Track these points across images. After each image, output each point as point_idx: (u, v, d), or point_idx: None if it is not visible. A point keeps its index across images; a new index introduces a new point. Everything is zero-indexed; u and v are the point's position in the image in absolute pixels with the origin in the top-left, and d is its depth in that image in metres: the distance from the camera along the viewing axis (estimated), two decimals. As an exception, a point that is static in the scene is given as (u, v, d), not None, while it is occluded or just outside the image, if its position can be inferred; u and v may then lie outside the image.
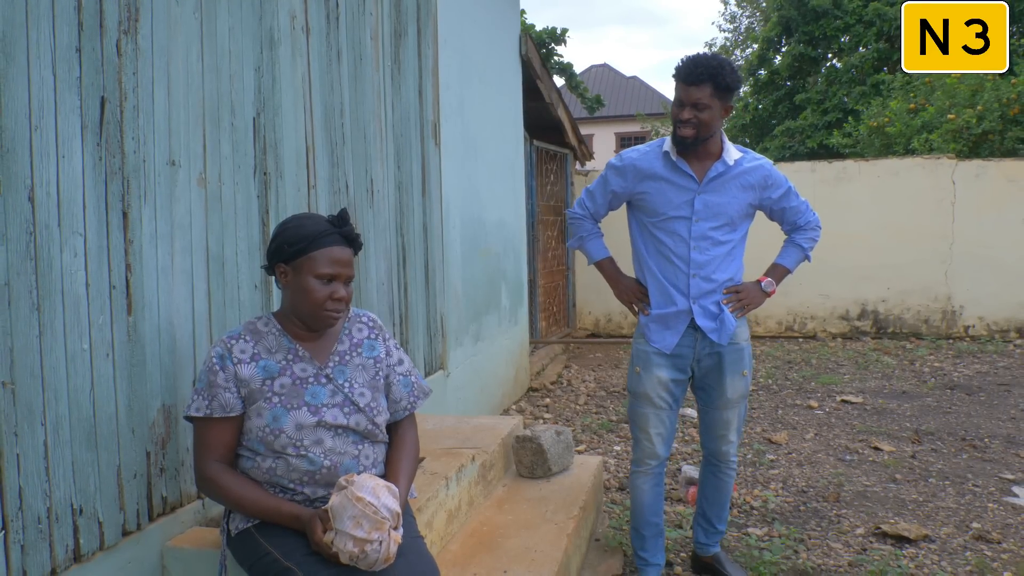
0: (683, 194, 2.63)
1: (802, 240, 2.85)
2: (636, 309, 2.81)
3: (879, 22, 15.85)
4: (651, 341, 2.72)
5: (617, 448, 4.77)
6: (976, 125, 10.06)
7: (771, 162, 2.76)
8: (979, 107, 10.15)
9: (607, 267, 2.89)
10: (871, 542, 3.30)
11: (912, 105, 11.93)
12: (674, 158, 2.64)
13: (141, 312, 2.02)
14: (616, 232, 3.44)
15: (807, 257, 2.88)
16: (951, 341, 8.42)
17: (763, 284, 2.79)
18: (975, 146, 10.14)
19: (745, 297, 2.73)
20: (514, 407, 5.93)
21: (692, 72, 2.52)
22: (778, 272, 2.86)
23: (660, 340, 2.71)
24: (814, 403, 5.80)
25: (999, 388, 6.18)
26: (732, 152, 2.66)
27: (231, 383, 1.84)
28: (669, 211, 2.65)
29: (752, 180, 2.67)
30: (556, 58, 16.85)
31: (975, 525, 3.44)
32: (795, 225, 2.84)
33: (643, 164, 2.70)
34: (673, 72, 2.61)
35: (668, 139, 2.68)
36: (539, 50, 6.95)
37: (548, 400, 6.16)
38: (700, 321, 2.66)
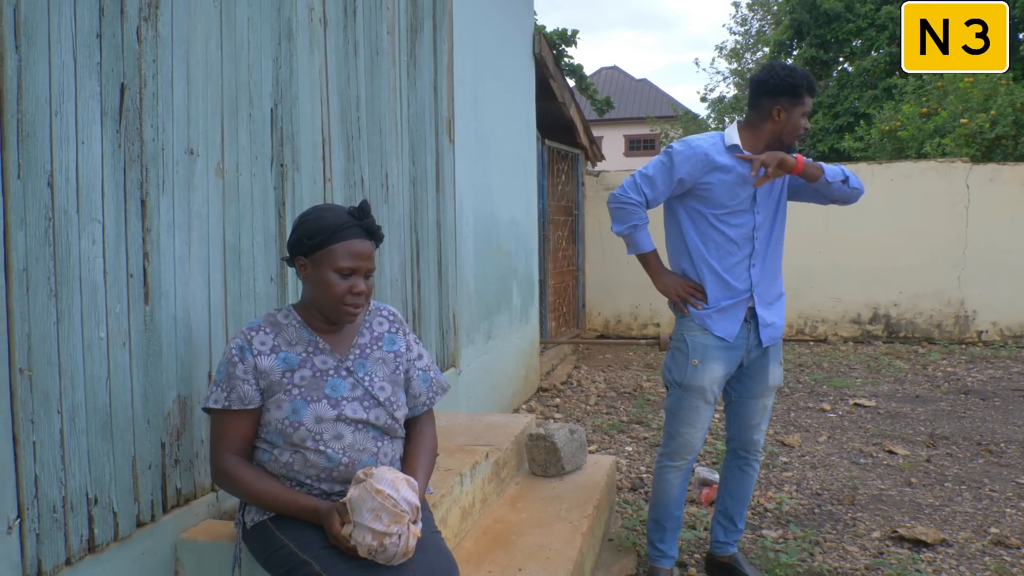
0: (746, 187, 2.64)
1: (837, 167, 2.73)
2: (687, 303, 2.72)
3: (891, 26, 15.78)
4: (713, 330, 2.67)
5: (628, 449, 4.74)
6: (989, 130, 10.00)
7: None
8: (992, 111, 10.08)
9: (653, 260, 2.80)
10: (887, 546, 3.26)
11: (924, 109, 11.87)
12: (744, 149, 2.65)
13: (158, 301, 2.00)
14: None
15: (846, 174, 2.68)
16: (964, 346, 8.36)
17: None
18: (988, 151, 10.08)
19: (772, 156, 2.56)
20: (524, 407, 5.90)
21: (812, 85, 2.61)
22: (811, 162, 2.67)
23: (723, 329, 2.67)
24: (827, 406, 5.75)
25: (1014, 393, 6.12)
26: None
27: (250, 375, 1.82)
28: (734, 204, 2.65)
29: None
30: (566, 59, 16.82)
31: (993, 530, 3.39)
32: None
33: (713, 154, 2.64)
34: (792, 84, 2.59)
35: (728, 132, 2.68)
36: (551, 50, 6.94)
37: (558, 400, 6.14)
38: (760, 311, 2.69)
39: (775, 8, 22.20)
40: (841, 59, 18.09)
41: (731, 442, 2.90)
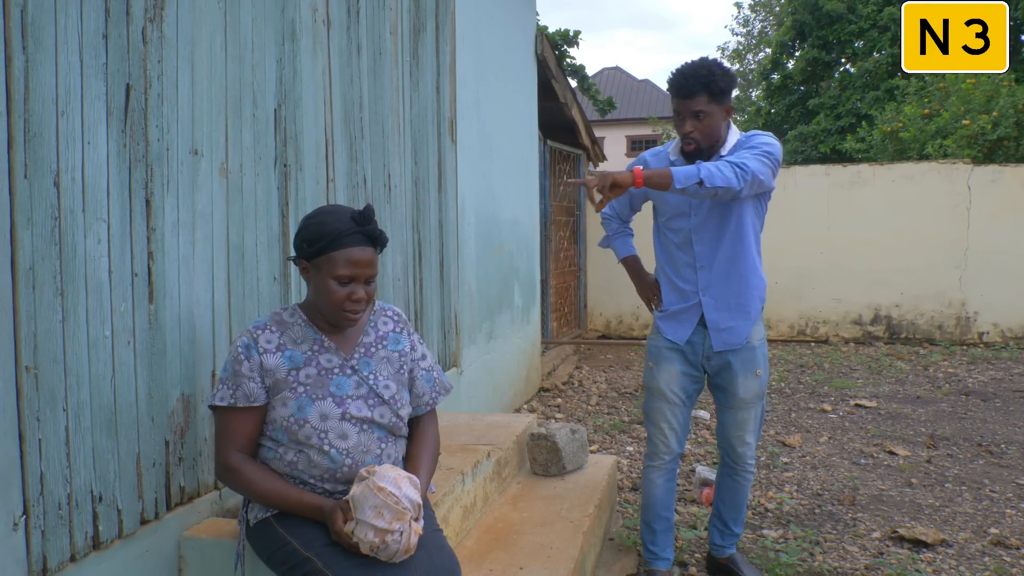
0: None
1: (717, 162, 2.43)
2: (651, 306, 2.85)
3: (893, 27, 15.80)
4: (664, 333, 2.75)
5: (630, 448, 4.75)
6: (991, 131, 10.00)
7: (763, 134, 2.58)
8: (994, 113, 10.08)
9: (631, 265, 2.94)
10: (888, 546, 3.27)
11: (926, 110, 11.87)
12: (672, 159, 2.67)
13: (162, 300, 2.01)
14: (640, 232, 3.41)
15: (711, 174, 2.33)
16: (965, 347, 8.36)
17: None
18: (990, 152, 10.08)
19: (606, 174, 2.35)
20: (525, 407, 5.91)
21: (685, 84, 2.50)
22: (661, 170, 2.40)
23: (672, 333, 2.74)
24: (828, 407, 5.76)
25: (1015, 395, 6.12)
26: (731, 142, 2.61)
27: (256, 373, 1.83)
28: (671, 208, 2.69)
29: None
30: (568, 60, 16.83)
31: (993, 530, 3.40)
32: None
33: (654, 164, 2.73)
34: (667, 86, 2.61)
35: (676, 142, 2.69)
36: (553, 51, 6.95)
37: (559, 400, 6.15)
38: (708, 315, 2.67)
39: (777, 9, 22.20)
40: (843, 60, 18.11)
41: (720, 450, 2.90)
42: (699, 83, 2.48)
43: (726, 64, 2.56)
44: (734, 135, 2.63)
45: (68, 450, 1.73)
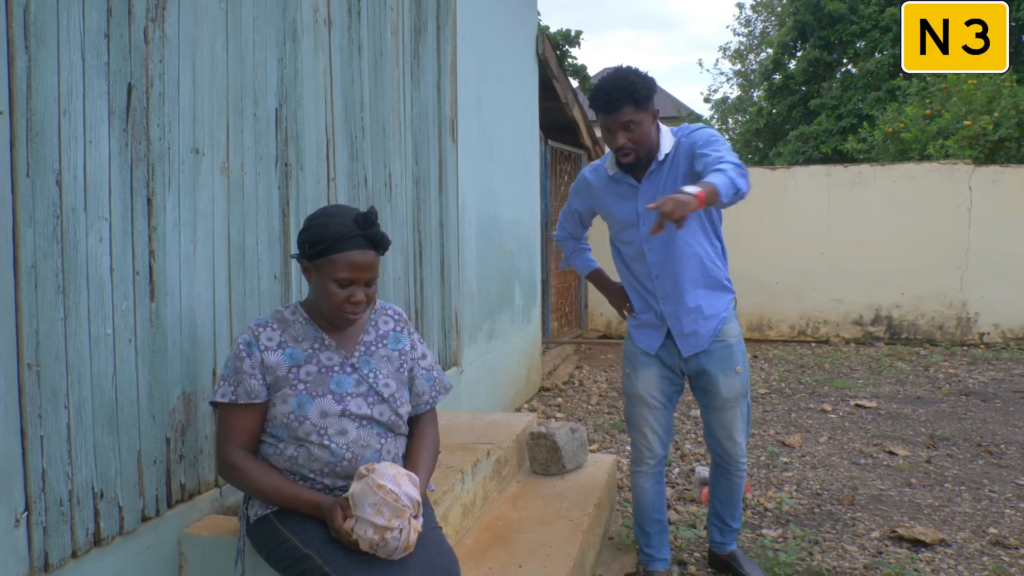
0: (627, 201, 2.64)
1: (722, 166, 2.35)
2: (623, 314, 2.84)
3: (895, 27, 15.79)
4: (636, 342, 2.77)
5: (629, 448, 4.75)
6: (993, 132, 9.99)
7: (705, 127, 2.57)
8: (996, 113, 10.08)
9: (596, 278, 2.95)
10: (886, 545, 3.27)
11: (928, 111, 11.86)
12: (610, 173, 2.67)
13: (163, 299, 2.02)
14: (602, 241, 3.36)
15: (734, 183, 2.30)
16: (966, 348, 8.36)
17: (686, 188, 2.25)
18: (991, 153, 10.07)
19: (668, 203, 2.16)
20: (526, 406, 5.92)
21: (608, 99, 2.48)
22: (706, 187, 2.26)
23: (644, 341, 2.75)
24: (828, 407, 5.76)
25: (1015, 395, 6.12)
26: (666, 144, 2.57)
27: (257, 370, 1.84)
28: (619, 221, 2.69)
29: (682, 161, 2.55)
30: (570, 60, 16.85)
31: (992, 530, 3.40)
32: (707, 165, 2.42)
33: (593, 178, 2.75)
34: (589, 103, 2.58)
35: (610, 155, 2.67)
36: (554, 51, 6.95)
37: (560, 400, 6.15)
38: (671, 323, 2.66)
39: (779, 9, 22.20)
40: (845, 61, 18.10)
41: (710, 451, 2.89)
42: (622, 95, 2.46)
43: (642, 70, 2.52)
44: (667, 135, 2.60)
45: (70, 447, 1.74)
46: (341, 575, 1.64)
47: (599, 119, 2.56)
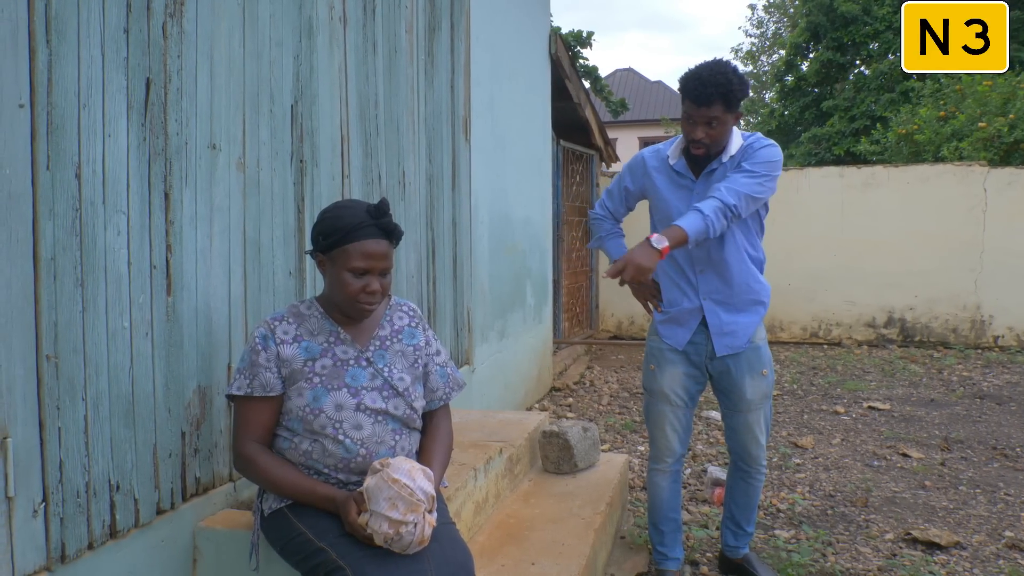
0: (682, 192, 2.62)
1: (710, 201, 2.40)
2: (650, 307, 2.78)
3: (909, 29, 15.67)
4: (664, 338, 2.73)
5: (641, 448, 4.74)
6: (1008, 133, 9.91)
7: (769, 142, 2.55)
8: (1011, 115, 9.99)
9: None
10: (901, 547, 3.25)
11: (942, 112, 11.78)
12: (672, 161, 2.63)
13: (180, 293, 2.03)
14: (638, 233, 3.38)
15: (709, 227, 2.36)
16: (980, 351, 8.29)
17: (652, 240, 2.34)
18: (1006, 154, 9.99)
19: (627, 263, 2.31)
20: (537, 406, 5.91)
21: (702, 91, 2.41)
22: (672, 231, 2.34)
23: (672, 336, 2.71)
24: (840, 409, 5.73)
25: (1030, 399, 6.07)
26: (733, 147, 2.55)
27: (272, 363, 1.85)
28: (670, 210, 2.63)
29: (737, 164, 2.54)
30: (582, 61, 16.83)
31: (1008, 533, 3.38)
32: (714, 189, 2.46)
33: (651, 161, 2.70)
34: (679, 87, 2.53)
35: (676, 141, 2.65)
36: (567, 51, 6.95)
37: (571, 400, 6.15)
38: (711, 319, 2.64)
39: (791, 10, 22.11)
40: (858, 62, 18.00)
41: (731, 453, 2.88)
42: (717, 91, 2.40)
43: (739, 69, 2.50)
44: (736, 139, 2.57)
45: (87, 439, 1.75)
46: (355, 568, 1.64)
47: (683, 104, 2.50)
